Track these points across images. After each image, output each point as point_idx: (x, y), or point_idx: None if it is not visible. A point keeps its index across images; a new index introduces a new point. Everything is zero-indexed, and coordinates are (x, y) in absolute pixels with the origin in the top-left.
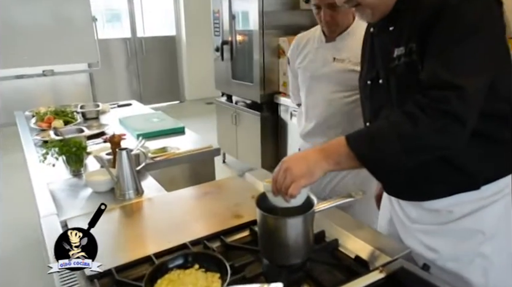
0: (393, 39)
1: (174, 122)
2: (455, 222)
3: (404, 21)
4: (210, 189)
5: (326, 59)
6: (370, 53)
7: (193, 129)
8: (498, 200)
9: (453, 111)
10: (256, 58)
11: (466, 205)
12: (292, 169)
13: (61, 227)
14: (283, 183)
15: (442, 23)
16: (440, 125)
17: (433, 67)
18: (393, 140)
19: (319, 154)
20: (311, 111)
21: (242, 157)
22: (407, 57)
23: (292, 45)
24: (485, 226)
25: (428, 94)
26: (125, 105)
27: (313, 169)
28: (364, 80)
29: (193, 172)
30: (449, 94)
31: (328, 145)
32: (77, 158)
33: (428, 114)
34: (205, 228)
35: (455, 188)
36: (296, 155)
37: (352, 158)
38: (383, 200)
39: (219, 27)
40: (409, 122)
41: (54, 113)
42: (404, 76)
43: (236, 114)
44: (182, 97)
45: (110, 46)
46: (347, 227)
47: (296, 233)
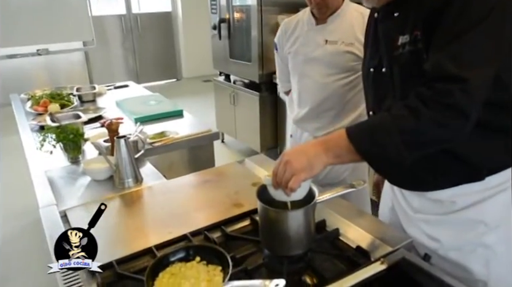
0: (398, 26)
1: (172, 105)
2: (458, 212)
3: (409, 8)
4: (210, 177)
5: (318, 42)
6: (374, 39)
7: (190, 108)
8: (502, 191)
9: (456, 104)
10: (254, 36)
11: (470, 195)
12: (292, 163)
13: (60, 217)
14: (283, 176)
15: (450, 13)
16: (442, 119)
17: (438, 58)
18: (394, 134)
19: (319, 147)
20: (304, 95)
21: (240, 137)
22: (411, 46)
23: (279, 30)
24: (488, 217)
25: (432, 86)
26: (122, 86)
27: (313, 163)
28: (367, 68)
29: (192, 156)
30: (452, 87)
31: (328, 138)
32: (75, 145)
33: (431, 108)
34: (206, 218)
35: (459, 179)
36: (297, 149)
37: (352, 151)
38: (385, 188)
39: (216, 5)
40: (411, 116)
41: (50, 97)
42: (408, 65)
43: (234, 94)
44: (178, 75)
45: (104, 23)
46: (348, 216)
47: (297, 225)
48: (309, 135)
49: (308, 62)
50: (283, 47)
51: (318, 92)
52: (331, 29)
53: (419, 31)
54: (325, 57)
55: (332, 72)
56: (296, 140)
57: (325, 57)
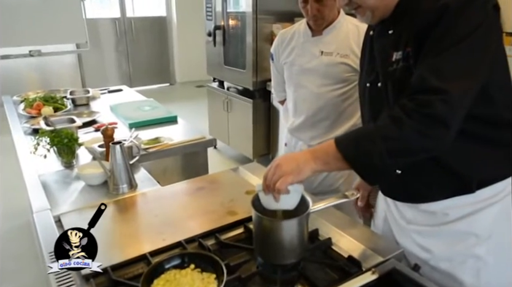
0: (392, 43)
1: (166, 111)
2: (450, 224)
3: (403, 25)
4: (204, 184)
5: (314, 53)
6: (370, 56)
7: (183, 113)
8: (493, 203)
9: (437, 115)
10: (249, 44)
11: (462, 208)
12: (282, 166)
13: (54, 222)
14: (271, 178)
15: (437, 30)
16: (424, 128)
17: (421, 71)
18: (378, 141)
19: (309, 155)
20: (300, 105)
21: (233, 144)
22: (404, 62)
23: (276, 41)
24: (480, 229)
25: (414, 98)
26: (116, 90)
27: (302, 167)
28: (364, 83)
29: (185, 162)
30: (433, 98)
31: (318, 147)
32: (69, 150)
33: (413, 118)
34: (200, 225)
35: (450, 191)
36: (288, 155)
37: (339, 159)
38: (379, 199)
39: (211, 12)
40: (393, 125)
41: (44, 99)
42: (401, 80)
43: (227, 101)
44: (172, 80)
45: (98, 26)
46: (341, 225)
47: (291, 234)
48: (304, 144)
49: (304, 72)
50: (279, 57)
51: (313, 102)
52: (327, 41)
53: (410, 48)
54: (321, 68)
55: (327, 82)
56: (290, 149)
57: (320, 68)
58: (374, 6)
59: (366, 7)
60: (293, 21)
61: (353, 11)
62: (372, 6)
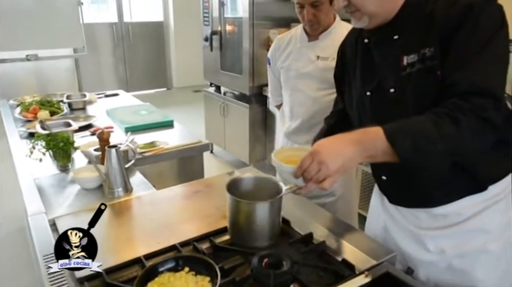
0: (401, 47)
1: (162, 115)
2: (463, 223)
3: (409, 29)
4: (199, 188)
5: (310, 57)
6: (365, 64)
7: (180, 118)
8: (501, 199)
9: (490, 119)
10: (245, 49)
11: (474, 206)
12: (328, 164)
13: (49, 226)
14: (315, 174)
15: (464, 29)
16: (479, 130)
17: (464, 73)
18: (437, 142)
19: (355, 148)
20: (296, 109)
21: (229, 148)
22: (421, 64)
23: (273, 46)
24: (491, 225)
25: (468, 99)
26: (112, 95)
27: (348, 164)
28: (361, 92)
29: (181, 166)
30: (487, 102)
31: (365, 137)
32: (65, 153)
33: (470, 118)
34: (195, 229)
35: (464, 192)
36: (332, 146)
37: (389, 154)
38: (374, 209)
39: (208, 17)
40: (452, 124)
41: (40, 103)
42: (421, 82)
43: (224, 106)
44: (169, 85)
45: (95, 30)
46: (335, 229)
47: (265, 216)
48: None
49: (300, 77)
50: (276, 62)
51: (309, 106)
52: (323, 46)
53: (427, 48)
54: (316, 72)
55: (323, 86)
56: None
57: (316, 73)
58: (374, 12)
59: (364, 12)
60: (289, 27)
61: (349, 15)
62: (372, 12)
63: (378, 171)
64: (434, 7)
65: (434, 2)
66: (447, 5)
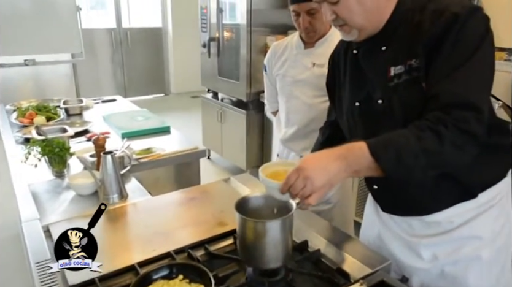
0: (388, 58)
1: (159, 121)
2: (455, 230)
3: (397, 40)
4: (195, 195)
5: (306, 64)
6: (353, 74)
7: (177, 124)
8: (493, 205)
9: (472, 131)
10: (243, 55)
11: (466, 213)
12: (313, 180)
13: (43, 232)
14: (301, 190)
15: (449, 40)
16: (461, 143)
17: (449, 87)
18: (420, 156)
19: (340, 164)
20: (292, 116)
21: (226, 155)
22: (407, 75)
23: (269, 52)
24: (483, 232)
25: (449, 112)
26: (109, 100)
27: (333, 180)
28: (350, 102)
29: (178, 173)
30: (469, 114)
31: (349, 153)
32: (60, 159)
33: (452, 131)
34: (190, 236)
35: (454, 199)
36: (316, 162)
37: (372, 169)
38: (368, 216)
39: (206, 23)
40: (434, 138)
41: (37, 109)
42: (408, 94)
43: (221, 112)
44: (167, 90)
45: (94, 36)
46: (330, 237)
47: (276, 235)
48: (296, 155)
49: (296, 83)
50: (272, 69)
51: (305, 113)
52: (319, 53)
53: (413, 60)
54: (312, 79)
55: (319, 93)
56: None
57: (312, 80)
58: (361, 26)
59: (352, 25)
60: (286, 34)
61: (338, 29)
62: (360, 25)
63: (370, 180)
64: (421, 18)
65: (421, 13)
66: (433, 16)
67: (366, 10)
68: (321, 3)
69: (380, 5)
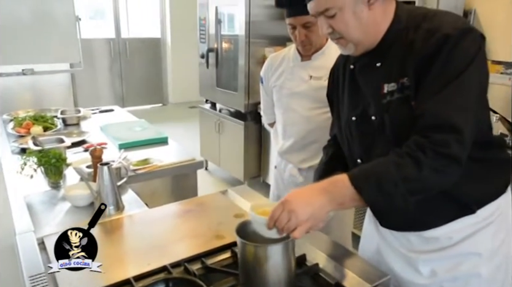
0: (382, 75)
1: (157, 132)
2: (454, 246)
3: (391, 57)
4: (192, 207)
5: (303, 77)
6: (351, 89)
7: (175, 134)
8: (492, 222)
9: (452, 154)
10: (241, 66)
11: (464, 229)
12: (298, 213)
13: (37, 244)
14: (286, 224)
15: (438, 61)
16: (440, 167)
17: (431, 107)
18: (400, 184)
19: (323, 198)
20: (289, 128)
21: (224, 165)
22: (400, 93)
23: (265, 64)
24: (482, 248)
25: (428, 135)
26: (107, 110)
27: (318, 213)
28: (348, 116)
29: (175, 184)
30: (448, 137)
31: (332, 186)
32: (56, 170)
33: (430, 156)
34: (186, 249)
35: (453, 215)
36: (300, 196)
37: (356, 199)
38: (367, 230)
39: (205, 34)
40: (413, 165)
41: (34, 119)
42: (399, 112)
43: (219, 122)
44: (165, 100)
45: (93, 46)
46: (328, 251)
47: (277, 261)
48: (294, 167)
49: (293, 96)
50: (269, 81)
51: (303, 125)
52: (316, 66)
53: (405, 78)
54: (310, 92)
55: (316, 106)
56: (280, 172)
57: (309, 92)
58: (357, 40)
59: (348, 39)
60: (285, 45)
61: (335, 42)
62: (356, 39)
63: None
64: (414, 37)
65: (415, 31)
66: (425, 36)
67: (362, 24)
68: (317, 16)
69: (376, 20)
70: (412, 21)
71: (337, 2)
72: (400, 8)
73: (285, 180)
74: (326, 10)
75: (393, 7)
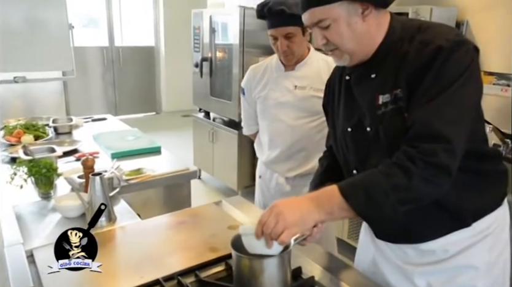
0: (377, 86)
1: (150, 141)
2: (450, 259)
3: (386, 68)
4: (185, 218)
5: (287, 87)
6: (347, 100)
7: (168, 143)
8: (488, 235)
9: (441, 164)
10: (235, 75)
11: (460, 242)
12: (285, 215)
13: (26, 257)
14: (273, 227)
15: (431, 72)
16: (430, 177)
17: (420, 115)
18: (389, 193)
19: (312, 204)
20: (276, 139)
21: (218, 175)
22: (394, 104)
23: (247, 75)
24: (479, 261)
25: (417, 145)
26: (100, 119)
27: (306, 218)
28: (343, 127)
29: (168, 194)
30: (436, 146)
31: (320, 195)
32: (47, 180)
33: (419, 166)
34: (180, 262)
35: (448, 228)
36: (288, 201)
37: (345, 209)
38: (363, 242)
39: (199, 43)
40: (402, 174)
41: (24, 127)
42: (393, 123)
43: (213, 131)
44: (158, 109)
45: (86, 54)
46: (324, 264)
47: (272, 274)
48: (280, 176)
49: (278, 106)
50: (252, 92)
51: (289, 135)
52: (300, 75)
53: (399, 90)
54: (295, 101)
55: (302, 115)
56: (265, 181)
57: (294, 102)
58: (352, 50)
59: (343, 50)
60: None
61: (329, 53)
62: (350, 50)
63: None
64: (408, 49)
65: (409, 43)
66: (419, 47)
67: (356, 35)
68: (312, 28)
69: (370, 31)
70: (406, 33)
71: (332, 13)
72: (395, 20)
73: (272, 189)
74: (320, 21)
75: (388, 19)
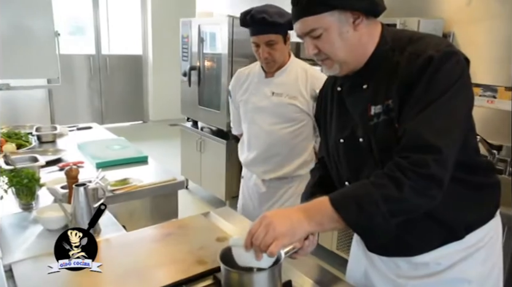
0: (369, 97)
1: (136, 150)
2: (443, 272)
3: (377, 79)
4: (172, 230)
5: (265, 93)
6: (339, 111)
7: (155, 152)
8: (481, 248)
9: (432, 175)
10: (224, 85)
11: (453, 255)
12: (275, 226)
13: (4, 272)
14: (263, 238)
15: (421, 83)
16: (421, 188)
17: (411, 126)
18: (380, 204)
19: (301, 215)
20: (253, 141)
21: (205, 185)
22: (385, 115)
23: (233, 79)
24: (472, 274)
25: (408, 156)
26: (85, 128)
27: (296, 229)
28: (336, 139)
29: (154, 205)
30: (427, 157)
31: (310, 206)
32: (28, 190)
33: (410, 178)
34: (166, 275)
35: (441, 240)
36: (278, 212)
37: (335, 220)
38: (354, 254)
39: (187, 52)
40: (393, 186)
41: (7, 135)
42: (385, 134)
43: (201, 141)
44: (145, 118)
45: (72, 62)
46: (315, 277)
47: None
48: (257, 178)
49: (256, 110)
50: (236, 95)
51: (265, 139)
52: (278, 83)
53: (390, 101)
54: (271, 107)
55: (277, 121)
56: (246, 181)
57: (271, 108)
58: (344, 60)
59: (335, 59)
60: None
61: (320, 63)
62: (342, 60)
63: None
64: (399, 60)
65: (400, 54)
66: (410, 58)
67: (348, 45)
68: (304, 37)
69: (362, 40)
70: (398, 43)
71: (323, 22)
72: (386, 30)
73: (250, 189)
74: (312, 31)
75: (379, 29)
